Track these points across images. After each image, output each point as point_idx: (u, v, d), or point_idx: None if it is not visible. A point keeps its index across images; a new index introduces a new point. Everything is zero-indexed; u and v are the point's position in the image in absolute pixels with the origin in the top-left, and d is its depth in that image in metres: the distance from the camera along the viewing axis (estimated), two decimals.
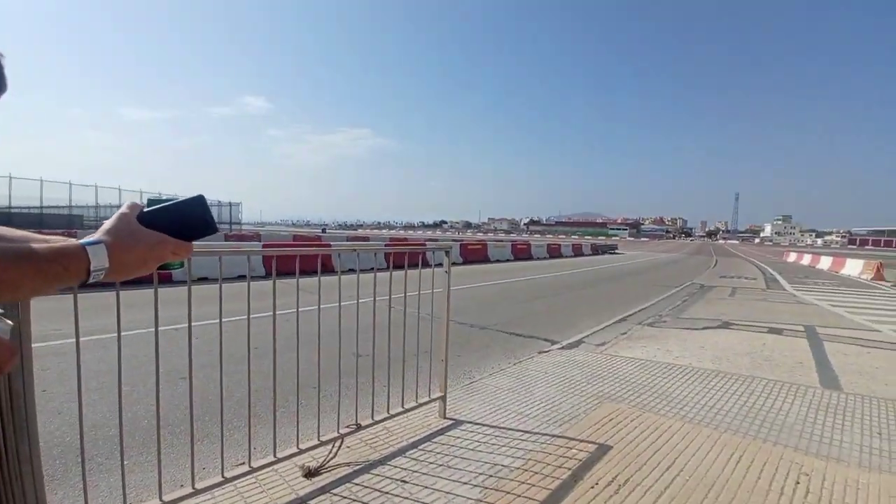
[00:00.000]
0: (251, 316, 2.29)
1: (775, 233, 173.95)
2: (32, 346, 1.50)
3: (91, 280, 0.68)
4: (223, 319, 2.16)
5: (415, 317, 3.34)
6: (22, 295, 0.72)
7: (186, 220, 0.77)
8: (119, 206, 0.77)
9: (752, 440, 3.05)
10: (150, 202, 0.77)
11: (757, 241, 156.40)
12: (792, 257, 31.31)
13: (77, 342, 1.74)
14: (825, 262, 23.35)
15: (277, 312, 2.38)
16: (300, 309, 2.48)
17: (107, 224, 0.72)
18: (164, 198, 0.79)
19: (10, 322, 0.72)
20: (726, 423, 3.32)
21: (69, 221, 30.68)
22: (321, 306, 2.57)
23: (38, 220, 28.89)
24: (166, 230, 0.75)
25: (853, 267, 19.36)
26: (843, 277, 17.86)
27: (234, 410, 3.35)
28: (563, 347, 5.62)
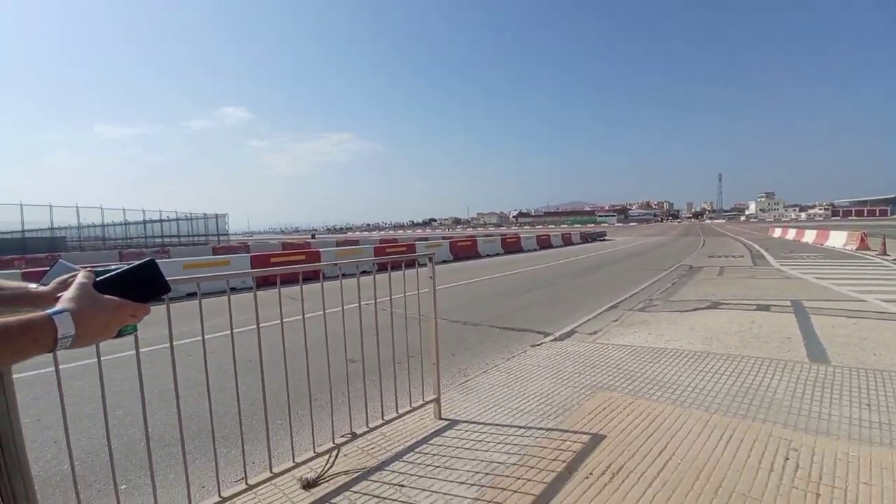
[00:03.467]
0: (236, 330, 2.29)
1: (760, 210, 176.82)
2: (23, 375, 1.50)
3: (58, 348, 0.71)
4: (206, 336, 2.17)
5: (406, 319, 3.36)
6: None
7: (141, 284, 0.86)
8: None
9: (741, 419, 3.12)
10: (98, 273, 0.85)
11: (743, 219, 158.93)
12: (777, 233, 31.77)
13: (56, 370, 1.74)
14: (809, 236, 23.75)
15: (264, 325, 2.38)
16: (286, 320, 2.49)
17: (68, 293, 0.77)
18: (113, 267, 0.87)
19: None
20: (716, 404, 3.38)
21: (52, 244, 30.27)
22: (307, 315, 2.57)
23: (21, 244, 28.46)
24: (123, 295, 0.82)
25: (837, 238, 19.72)
26: (827, 250, 18.18)
27: (230, 427, 3.34)
28: (555, 339, 5.68)
